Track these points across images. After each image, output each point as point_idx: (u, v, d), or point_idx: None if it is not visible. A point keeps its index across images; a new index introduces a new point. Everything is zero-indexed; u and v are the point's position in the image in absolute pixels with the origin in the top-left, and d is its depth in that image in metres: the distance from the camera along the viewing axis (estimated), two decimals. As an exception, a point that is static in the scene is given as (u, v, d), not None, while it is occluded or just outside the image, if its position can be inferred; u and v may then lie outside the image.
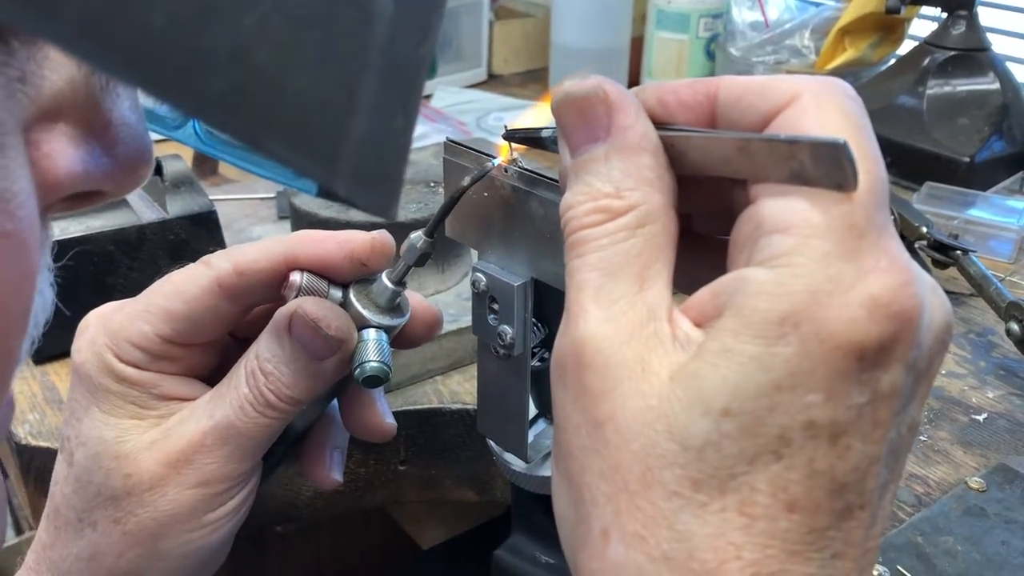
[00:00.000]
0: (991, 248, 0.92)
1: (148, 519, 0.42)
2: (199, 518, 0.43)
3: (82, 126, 0.26)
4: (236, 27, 0.19)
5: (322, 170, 0.21)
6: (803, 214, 0.27)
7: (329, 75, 0.21)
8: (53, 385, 0.68)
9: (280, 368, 0.42)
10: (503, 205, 0.40)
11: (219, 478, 0.43)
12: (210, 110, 0.19)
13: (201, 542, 0.43)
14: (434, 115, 1.25)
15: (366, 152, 0.22)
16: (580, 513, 0.30)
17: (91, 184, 0.27)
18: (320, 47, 0.20)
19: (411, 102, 0.24)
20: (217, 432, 0.42)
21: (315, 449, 0.48)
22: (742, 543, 0.27)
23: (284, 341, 0.42)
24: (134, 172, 0.28)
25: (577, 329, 0.30)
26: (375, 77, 0.21)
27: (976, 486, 0.61)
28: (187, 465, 0.42)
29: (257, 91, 0.19)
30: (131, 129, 0.28)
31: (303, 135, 0.21)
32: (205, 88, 0.19)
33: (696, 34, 1.26)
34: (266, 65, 0.19)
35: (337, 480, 0.48)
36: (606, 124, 0.31)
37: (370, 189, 0.23)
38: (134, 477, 0.42)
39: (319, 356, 0.42)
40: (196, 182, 0.75)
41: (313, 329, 0.41)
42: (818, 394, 0.26)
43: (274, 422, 0.42)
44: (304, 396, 0.42)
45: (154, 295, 0.44)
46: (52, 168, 0.25)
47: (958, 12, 1.08)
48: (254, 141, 0.20)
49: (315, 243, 0.43)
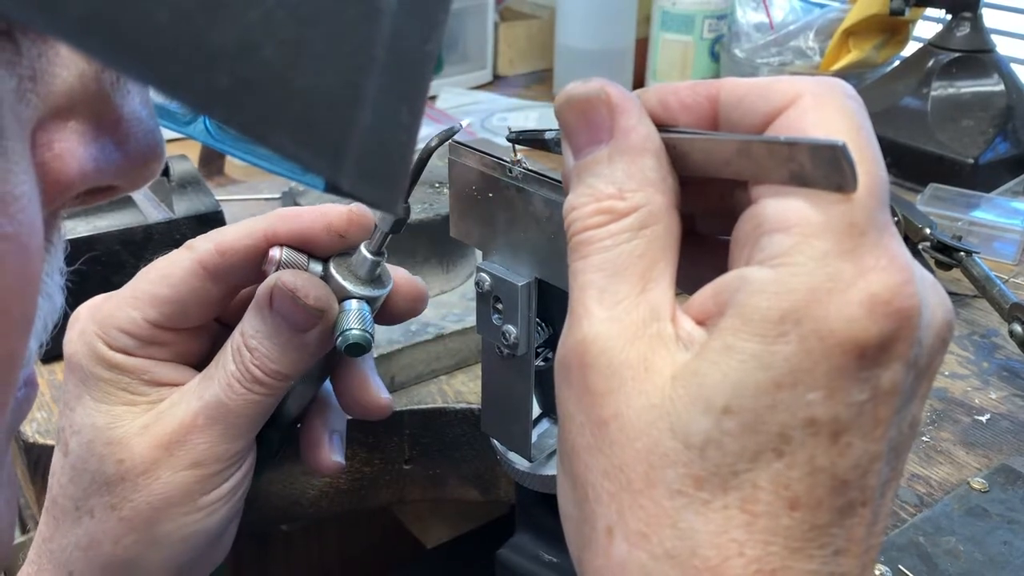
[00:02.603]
0: (995, 250, 0.92)
1: (143, 503, 0.43)
2: (194, 500, 0.43)
3: (94, 122, 0.26)
4: (242, 22, 0.19)
5: (327, 165, 0.21)
6: (803, 214, 0.27)
7: (335, 70, 0.21)
8: (60, 383, 0.68)
9: (264, 343, 0.42)
10: (507, 206, 0.40)
11: (212, 458, 0.43)
12: (216, 105, 0.19)
13: (197, 526, 0.44)
14: (439, 116, 1.25)
15: (371, 147, 0.22)
16: (584, 511, 0.30)
17: (103, 180, 0.27)
18: (326, 42, 0.20)
19: (417, 98, 0.24)
20: (207, 412, 0.43)
21: (312, 433, 0.48)
22: (744, 540, 0.27)
23: (266, 315, 0.43)
24: (146, 167, 0.28)
25: (581, 329, 0.30)
26: (380, 72, 0.22)
27: (978, 486, 0.61)
28: (179, 447, 0.43)
29: (263, 86, 0.20)
30: (142, 124, 0.28)
31: (309, 130, 0.21)
32: (211, 83, 0.19)
33: (700, 35, 1.26)
34: (272, 60, 0.20)
35: (339, 462, 0.48)
36: (609, 126, 0.31)
37: (375, 184, 0.23)
38: (127, 462, 0.43)
39: (301, 327, 0.42)
40: (203, 182, 0.75)
41: (292, 300, 0.41)
42: (818, 392, 0.27)
43: (263, 398, 0.43)
44: (290, 370, 0.43)
45: (140, 281, 0.45)
46: (64, 168, 0.25)
47: (963, 14, 1.08)
48: (260, 136, 0.20)
49: (294, 218, 0.44)
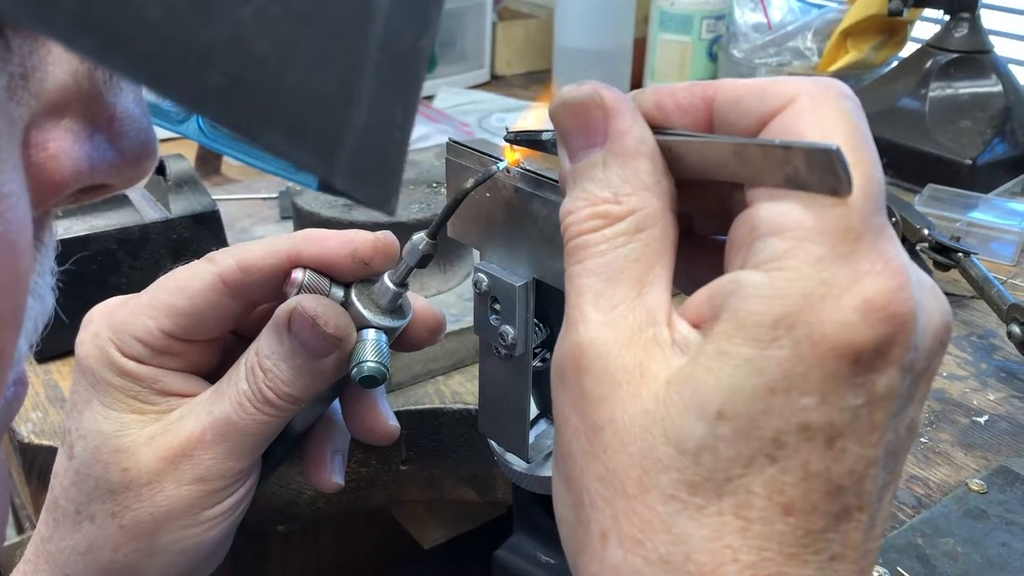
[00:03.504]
0: (993, 250, 0.92)
1: (145, 514, 0.42)
2: (196, 515, 0.43)
3: (87, 120, 0.26)
4: (234, 19, 0.19)
5: (321, 163, 0.21)
6: (798, 218, 0.27)
7: (328, 68, 0.21)
8: (56, 384, 0.68)
9: (279, 365, 0.42)
10: (505, 206, 0.40)
11: (217, 475, 0.43)
12: (208, 103, 0.19)
13: (198, 539, 0.43)
14: (437, 116, 1.25)
15: (365, 145, 0.22)
16: (579, 516, 0.30)
17: (97, 178, 0.27)
18: (319, 40, 0.20)
19: (410, 96, 0.24)
20: (215, 428, 0.42)
21: (316, 451, 0.48)
22: (738, 546, 0.27)
23: (283, 337, 0.42)
24: (139, 165, 0.28)
25: (577, 334, 0.30)
26: (374, 70, 0.22)
27: (977, 488, 0.61)
28: (185, 461, 0.42)
29: (256, 84, 0.20)
30: (135, 122, 0.27)
31: (302, 128, 0.21)
32: (203, 81, 0.19)
33: (699, 36, 1.26)
34: (265, 58, 0.19)
35: (338, 483, 0.48)
36: (603, 129, 0.31)
37: (369, 182, 0.23)
38: (132, 471, 0.42)
39: (317, 354, 0.42)
40: (199, 182, 0.75)
41: (312, 326, 0.41)
42: (812, 397, 0.26)
43: (273, 420, 0.42)
44: (303, 394, 0.42)
45: (158, 290, 0.44)
46: (59, 167, 0.25)
47: (961, 15, 1.08)
48: (253, 134, 0.20)
49: (319, 241, 0.43)
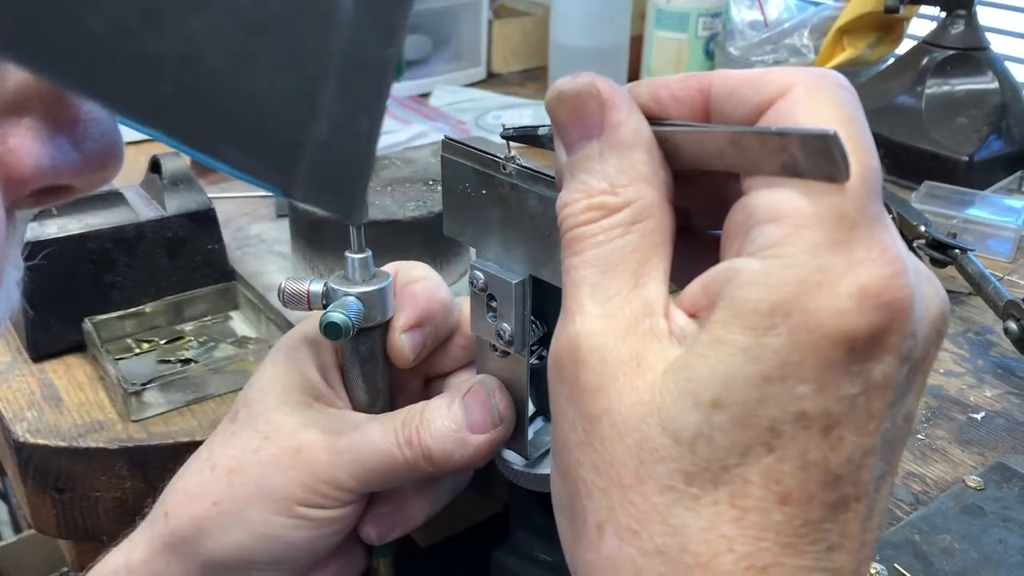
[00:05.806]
0: (989, 247, 0.92)
1: (251, 462, 0.44)
2: (291, 504, 0.44)
3: (49, 120, 0.26)
4: (185, 31, 0.18)
5: (279, 176, 0.21)
6: (794, 204, 0.27)
7: (287, 80, 0.20)
8: (51, 383, 0.68)
9: (439, 420, 0.44)
10: (501, 202, 0.40)
11: (328, 478, 0.44)
12: (159, 116, 0.19)
13: (282, 532, 0.44)
14: (433, 113, 1.25)
15: (326, 157, 0.22)
16: (576, 507, 0.30)
17: (59, 179, 0.27)
18: (277, 52, 0.20)
19: (375, 105, 0.23)
20: (356, 440, 0.44)
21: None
22: (735, 536, 0.27)
23: (455, 405, 0.45)
24: (103, 168, 0.28)
25: (573, 325, 0.30)
26: (336, 81, 0.21)
27: (974, 484, 0.61)
28: (314, 448, 0.44)
29: (210, 96, 0.19)
30: (100, 124, 0.27)
31: (259, 141, 0.20)
32: (154, 94, 0.18)
33: (695, 33, 1.26)
34: (219, 70, 0.19)
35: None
36: (599, 121, 0.31)
37: (331, 194, 0.22)
38: (275, 420, 0.45)
39: (474, 428, 0.44)
40: (195, 180, 0.75)
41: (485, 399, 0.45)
42: (808, 385, 0.26)
43: (400, 468, 0.44)
44: (439, 460, 0.44)
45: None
46: (18, 163, 0.25)
47: (957, 11, 1.08)
48: (208, 147, 0.20)
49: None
